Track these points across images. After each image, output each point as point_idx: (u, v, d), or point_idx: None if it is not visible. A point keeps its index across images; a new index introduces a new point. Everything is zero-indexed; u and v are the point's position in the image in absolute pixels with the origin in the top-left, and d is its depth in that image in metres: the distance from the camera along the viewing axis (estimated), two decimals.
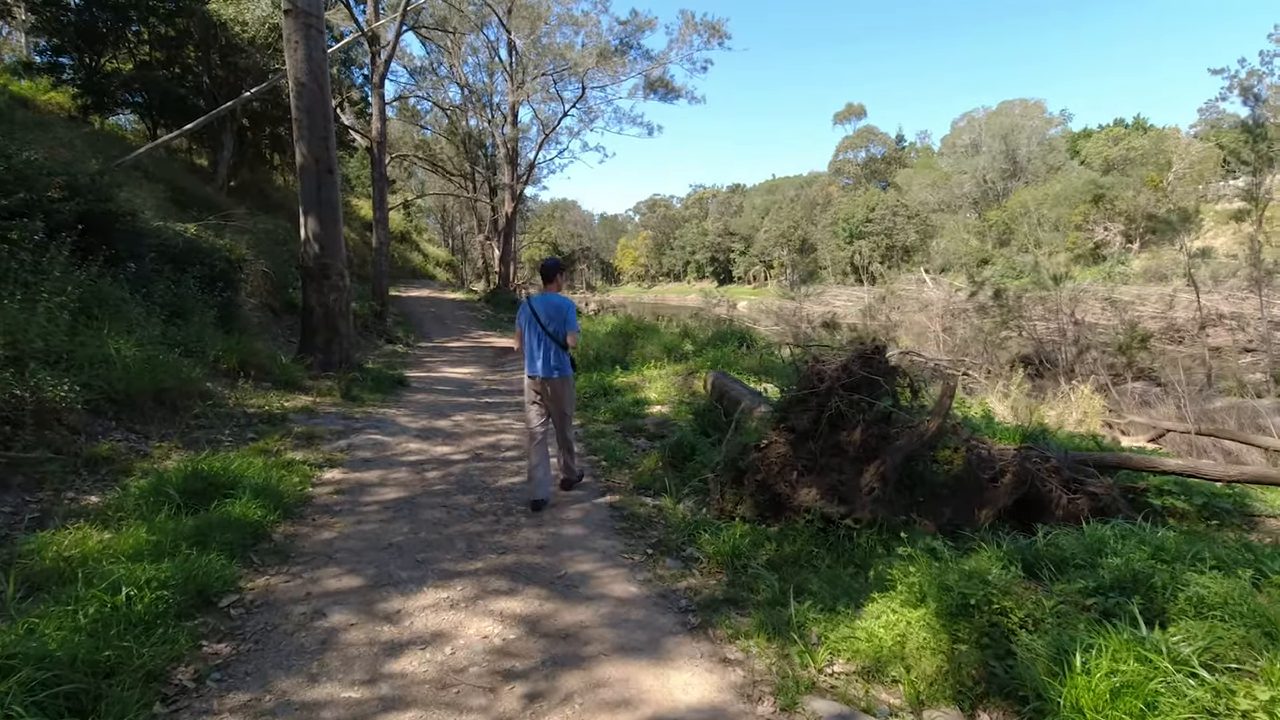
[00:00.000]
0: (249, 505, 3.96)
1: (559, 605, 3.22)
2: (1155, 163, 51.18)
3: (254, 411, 6.47)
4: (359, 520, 4.25)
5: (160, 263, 8.29)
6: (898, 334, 18.92)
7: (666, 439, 6.65)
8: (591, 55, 23.21)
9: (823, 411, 4.35)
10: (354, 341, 9.92)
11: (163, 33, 17.53)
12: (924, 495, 4.25)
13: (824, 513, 4.13)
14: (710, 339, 10.75)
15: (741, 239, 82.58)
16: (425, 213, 49.90)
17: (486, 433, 6.79)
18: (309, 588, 3.30)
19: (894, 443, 4.22)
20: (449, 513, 4.44)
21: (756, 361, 9.77)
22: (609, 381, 9.48)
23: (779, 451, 4.46)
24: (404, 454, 5.83)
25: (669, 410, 7.96)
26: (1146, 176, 49.43)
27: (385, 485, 4.97)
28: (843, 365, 4.41)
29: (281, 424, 6.29)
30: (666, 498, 4.91)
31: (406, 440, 6.28)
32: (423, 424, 7.02)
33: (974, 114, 67.83)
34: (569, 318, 4.79)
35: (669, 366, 9.98)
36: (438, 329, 18.74)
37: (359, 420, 6.89)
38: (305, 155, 9.02)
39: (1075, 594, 2.78)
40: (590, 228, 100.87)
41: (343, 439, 6.08)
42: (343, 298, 9.44)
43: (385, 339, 15.48)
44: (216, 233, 11.26)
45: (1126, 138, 55.81)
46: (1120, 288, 19.09)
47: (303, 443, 5.83)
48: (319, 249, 9.16)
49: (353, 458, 5.61)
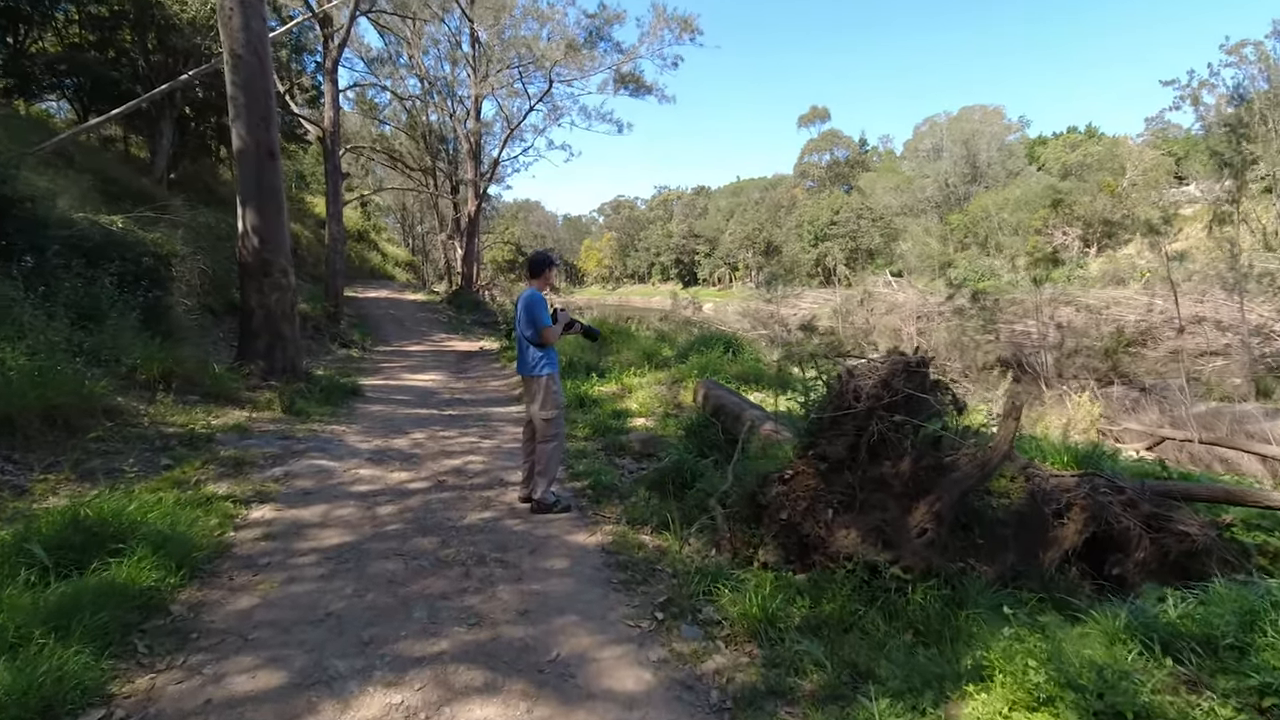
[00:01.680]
0: (142, 565, 3.05)
1: (552, 710, 2.41)
2: (1110, 169, 52.47)
3: (174, 431, 5.48)
4: (290, 578, 3.36)
5: (69, 257, 7.20)
6: (874, 337, 18.52)
7: (659, 461, 5.88)
8: (559, 47, 22.33)
9: (861, 436, 3.63)
10: (300, 347, 8.92)
11: (93, 12, 16.18)
12: (983, 536, 3.56)
13: (867, 560, 3.41)
14: (692, 344, 10.02)
15: (706, 241, 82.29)
16: (385, 211, 48.25)
17: (451, 453, 5.91)
18: (209, 691, 2.42)
19: (949, 474, 3.52)
20: (406, 564, 3.58)
21: (744, 368, 9.06)
22: (585, 391, 8.66)
23: (808, 484, 3.72)
24: (353, 483, 4.93)
25: (654, 424, 7.19)
26: (1102, 182, 50.61)
27: (327, 526, 4.08)
28: (882, 380, 3.69)
29: (206, 446, 5.32)
30: (668, 535, 4.14)
31: (357, 465, 5.37)
32: (377, 443, 6.10)
33: (935, 119, 68.84)
34: (536, 314, 4.53)
35: (650, 374, 9.21)
36: (397, 332, 17.65)
37: (301, 440, 5.93)
38: (243, 137, 8.00)
39: (1249, 693, 2.10)
40: (554, 228, 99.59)
41: (279, 465, 5.14)
42: (286, 297, 8.43)
43: (339, 343, 14.37)
44: (148, 226, 10.14)
45: (1083, 144, 57.13)
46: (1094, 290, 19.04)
47: (229, 471, 4.88)
48: (259, 242, 8.14)
49: (290, 489, 4.69)
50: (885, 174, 70.97)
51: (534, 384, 4.59)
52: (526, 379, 4.66)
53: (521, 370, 4.66)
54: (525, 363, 4.59)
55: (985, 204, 56.02)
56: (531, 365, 4.56)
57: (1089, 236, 50.70)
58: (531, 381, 4.60)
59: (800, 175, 78.73)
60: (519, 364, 4.69)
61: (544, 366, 4.56)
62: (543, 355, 4.56)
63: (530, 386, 4.63)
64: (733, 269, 77.99)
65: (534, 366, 4.55)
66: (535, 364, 4.55)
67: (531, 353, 4.56)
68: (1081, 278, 37.07)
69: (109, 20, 16.46)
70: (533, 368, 4.56)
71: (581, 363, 10.07)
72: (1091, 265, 42.89)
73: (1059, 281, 29.52)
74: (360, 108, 27.51)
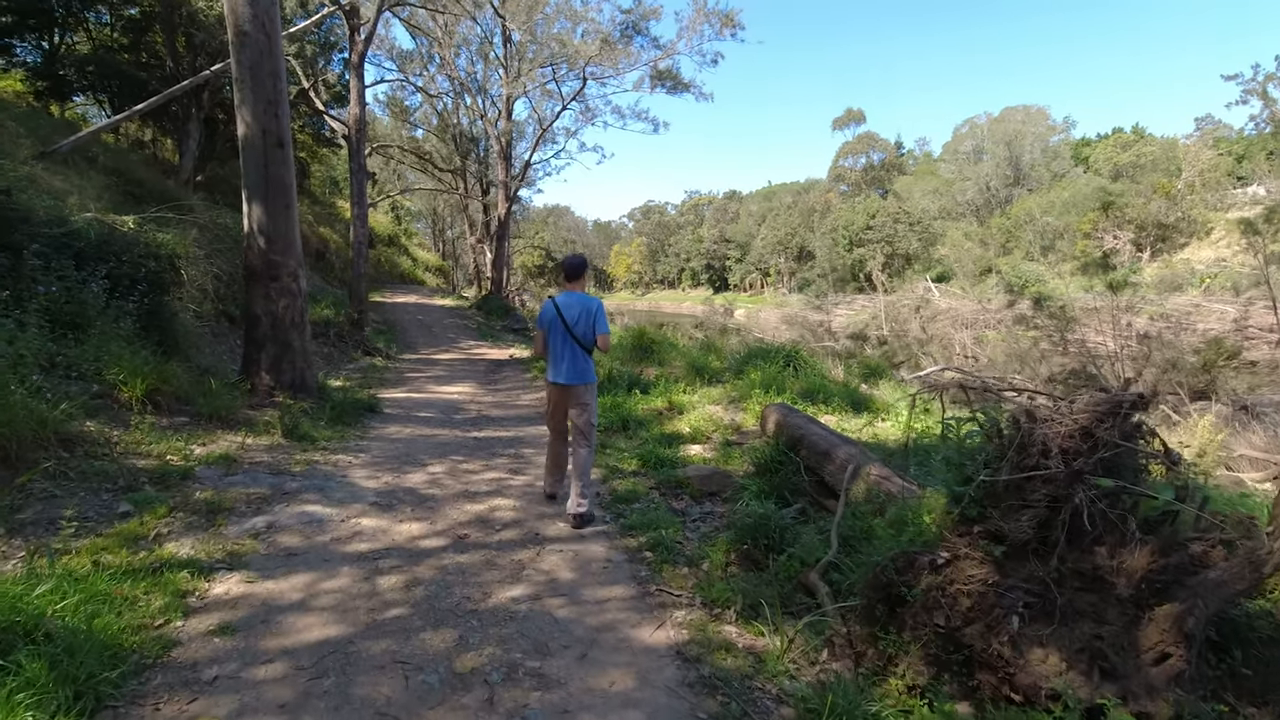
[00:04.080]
0: (16, 703, 2.07)
1: None
2: (1165, 170, 50.17)
3: (145, 465, 4.55)
4: (240, 708, 2.36)
5: (53, 258, 6.39)
6: (930, 348, 17.18)
7: (726, 502, 4.81)
8: (594, 44, 21.40)
9: (1055, 509, 2.52)
10: (311, 359, 8.02)
11: (124, 14, 15.88)
12: (1247, 663, 2.43)
13: (1077, 696, 2.29)
14: (746, 356, 8.92)
15: (738, 246, 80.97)
16: (415, 216, 48.04)
17: (475, 494, 4.88)
18: None
19: (1198, 572, 2.39)
20: (406, 682, 2.55)
21: (808, 384, 7.93)
22: (628, 409, 7.62)
23: (973, 574, 2.61)
24: (350, 538, 3.92)
25: (713, 454, 6.12)
26: (1157, 183, 48.28)
27: (309, 610, 3.07)
28: (1082, 428, 2.57)
29: (180, 485, 4.37)
30: (761, 628, 3.07)
31: (359, 512, 4.36)
32: (386, 480, 5.10)
33: (976, 120, 66.80)
34: (599, 319, 4.41)
35: (701, 390, 8.13)
36: (424, 338, 16.84)
37: (297, 477, 4.95)
38: (249, 124, 7.13)
39: None
40: (584, 233, 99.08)
41: (263, 513, 4.16)
42: (296, 304, 7.54)
43: (362, 350, 13.54)
44: (163, 227, 9.44)
45: (1136, 144, 54.76)
46: (1171, 298, 17.47)
47: (200, 521, 3.92)
48: (265, 243, 7.26)
49: (270, 549, 3.70)
50: (922, 177, 69.03)
51: (586, 391, 4.47)
52: (573, 387, 4.43)
53: (570, 379, 4.40)
54: (576, 370, 4.39)
55: (1029, 206, 53.96)
56: (584, 372, 4.42)
57: (1141, 240, 48.33)
58: (584, 390, 4.46)
59: (835, 179, 76.96)
60: (566, 373, 4.41)
61: (594, 373, 4.50)
62: (592, 362, 4.47)
63: (580, 395, 4.45)
64: (764, 275, 76.50)
65: (586, 373, 4.43)
66: (589, 370, 4.45)
67: (586, 359, 4.42)
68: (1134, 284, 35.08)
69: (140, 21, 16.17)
70: (585, 376, 4.42)
71: (623, 376, 9.03)
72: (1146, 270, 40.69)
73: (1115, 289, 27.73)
74: (391, 110, 26.97)
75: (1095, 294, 17.63)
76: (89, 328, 6.19)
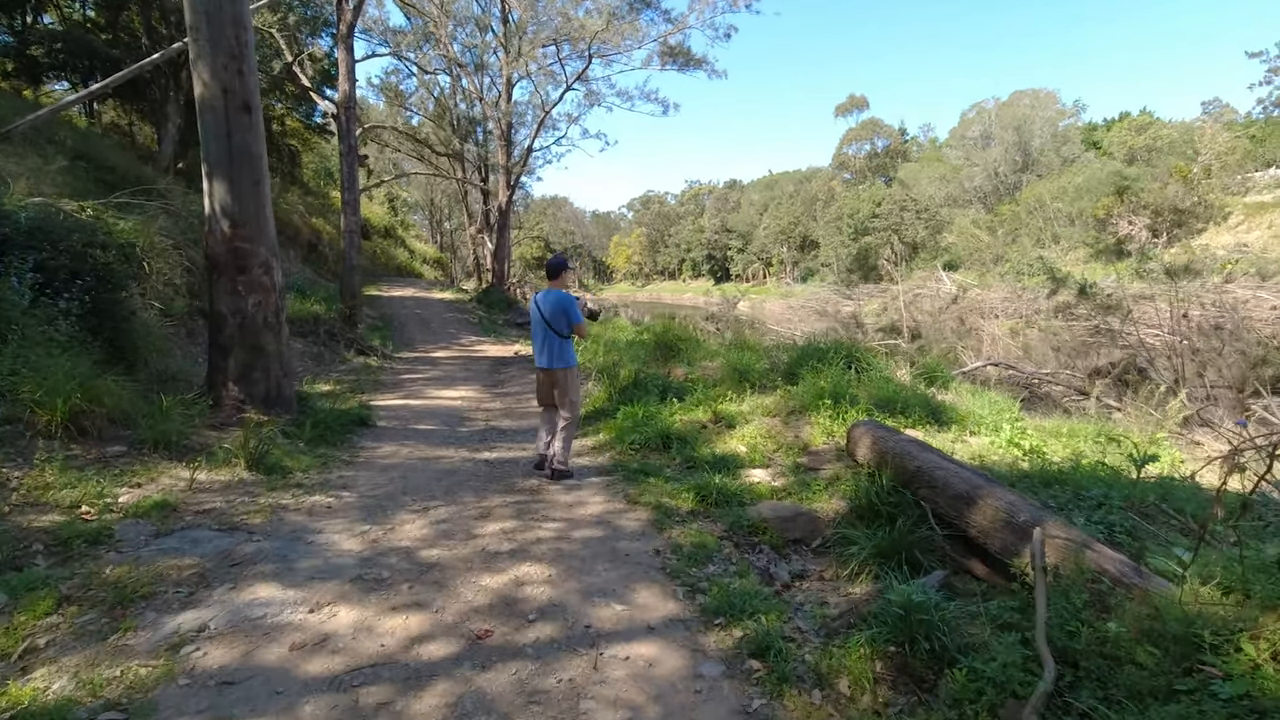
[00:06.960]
0: None
1: None
2: (1182, 153, 48.87)
3: (46, 523, 3.33)
4: None
5: None
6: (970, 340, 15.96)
7: (825, 550, 3.61)
8: (601, 18, 20.01)
9: None
10: (289, 364, 6.78)
11: None
12: None
13: None
14: (798, 356, 7.68)
15: (739, 236, 79.52)
16: (413, 208, 46.68)
17: (493, 557, 3.63)
18: None
19: None
20: None
21: (876, 390, 6.69)
22: (664, 421, 6.39)
23: None
24: (314, 650, 2.65)
25: (783, 482, 4.90)
26: (1175, 167, 46.96)
27: None
28: None
29: (87, 555, 3.15)
30: None
31: (332, 596, 3.08)
32: (374, 537, 3.82)
33: (984, 105, 65.31)
34: (570, 311, 5.10)
35: (750, 398, 6.91)
36: (423, 334, 15.61)
37: (254, 533, 3.67)
38: (206, 83, 5.87)
39: None
40: (583, 224, 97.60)
41: (194, 604, 2.90)
42: (270, 300, 6.29)
43: (355, 349, 12.30)
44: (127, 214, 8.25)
45: (1152, 126, 53.41)
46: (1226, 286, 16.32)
47: (99, 623, 2.68)
48: (230, 227, 6.01)
49: (193, 679, 2.44)
50: (928, 164, 67.56)
51: (567, 374, 5.16)
52: (554, 370, 5.16)
53: (551, 364, 5.14)
54: (557, 356, 5.13)
55: (1039, 192, 52.57)
56: (559, 357, 5.13)
57: (1157, 226, 47.02)
58: (563, 373, 5.16)
59: (838, 166, 75.44)
60: (547, 358, 5.14)
61: (573, 358, 5.21)
62: (570, 347, 5.19)
63: (560, 378, 5.17)
64: (767, 265, 75.12)
65: (564, 359, 5.14)
66: (570, 356, 5.17)
67: (565, 346, 5.15)
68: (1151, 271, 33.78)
69: None
70: (563, 360, 5.14)
71: (652, 381, 7.80)
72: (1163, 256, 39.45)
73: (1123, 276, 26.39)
74: (385, 94, 25.57)
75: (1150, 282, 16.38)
76: (4, 332, 4.97)
